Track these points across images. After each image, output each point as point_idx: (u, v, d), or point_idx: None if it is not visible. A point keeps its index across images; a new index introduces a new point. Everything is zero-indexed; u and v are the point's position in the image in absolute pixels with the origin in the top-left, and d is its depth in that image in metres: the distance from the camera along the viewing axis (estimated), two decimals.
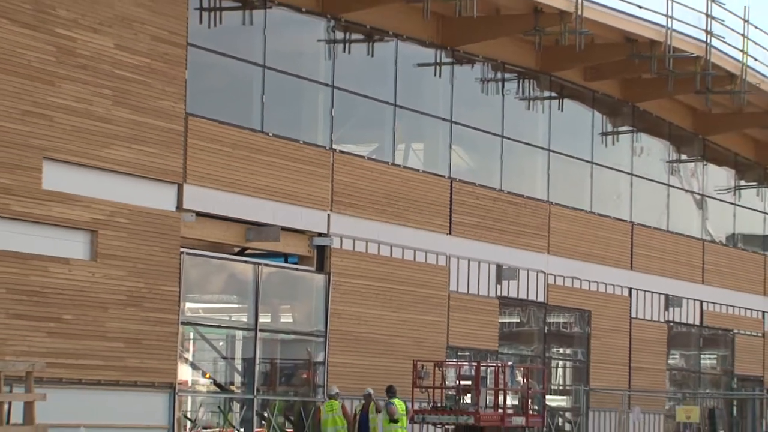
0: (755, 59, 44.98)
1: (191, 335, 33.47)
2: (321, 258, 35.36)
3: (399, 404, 33.99)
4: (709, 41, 42.71)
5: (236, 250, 34.35)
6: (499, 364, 37.53)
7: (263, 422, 34.90)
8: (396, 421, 33.91)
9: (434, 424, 35.46)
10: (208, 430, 34.07)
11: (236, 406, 34.74)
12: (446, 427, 35.40)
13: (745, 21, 44.49)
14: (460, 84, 39.95)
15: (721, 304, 51.04)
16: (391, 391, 34.00)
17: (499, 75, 41.36)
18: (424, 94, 39.08)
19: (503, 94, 41.60)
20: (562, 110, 43.93)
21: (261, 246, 34.16)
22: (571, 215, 43.93)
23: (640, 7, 40.38)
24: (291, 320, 36.48)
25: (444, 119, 39.62)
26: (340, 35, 36.21)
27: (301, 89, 35.62)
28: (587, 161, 45.23)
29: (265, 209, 33.53)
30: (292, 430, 35.33)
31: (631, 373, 46.02)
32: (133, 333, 30.14)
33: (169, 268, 31.09)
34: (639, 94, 45.89)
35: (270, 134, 33.99)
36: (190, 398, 33.40)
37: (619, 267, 45.82)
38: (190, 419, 33.32)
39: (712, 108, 47.08)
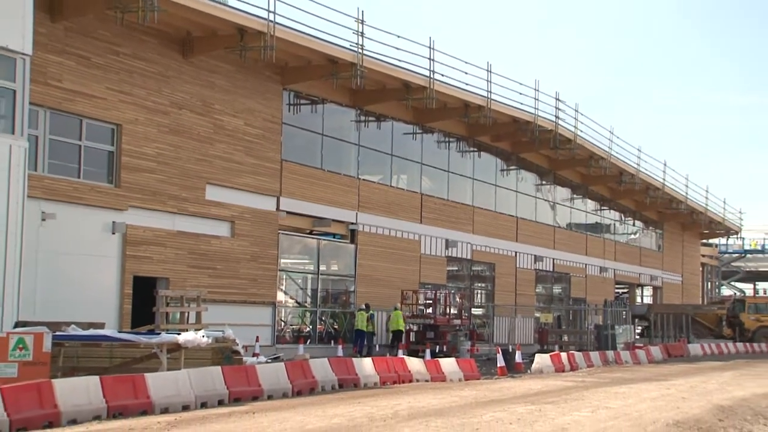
0: (581, 130, 44.89)
1: (284, 276, 33.19)
2: (353, 236, 35.03)
3: (362, 315, 33.26)
4: (557, 122, 42.40)
5: (308, 231, 34.10)
6: (447, 292, 37.33)
7: (322, 322, 34.69)
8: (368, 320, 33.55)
9: (412, 324, 35.23)
10: (293, 326, 33.83)
11: (308, 314, 34.49)
12: (419, 324, 35.16)
13: (576, 110, 44.37)
14: (426, 144, 39.56)
15: (563, 260, 50.64)
16: (366, 307, 33.93)
17: (446, 139, 41.00)
18: (407, 148, 38.72)
19: (449, 149, 41.27)
20: (480, 157, 43.52)
21: (320, 230, 33.87)
22: (486, 213, 43.50)
23: (522, 103, 40.27)
24: (336, 268, 36.17)
25: (417, 162, 39.26)
26: (362, 117, 35.91)
27: (341, 146, 35.29)
28: (493, 184, 44.83)
29: (323, 210, 33.26)
30: (337, 326, 35.08)
31: (516, 297, 45.68)
32: (252, 275, 30.01)
33: (272, 241, 30.90)
34: (520, 149, 45.37)
35: (326, 170, 33.71)
36: (283, 310, 33.13)
37: (510, 240, 45.39)
38: (283, 321, 33.10)
39: (559, 156, 46.76)
